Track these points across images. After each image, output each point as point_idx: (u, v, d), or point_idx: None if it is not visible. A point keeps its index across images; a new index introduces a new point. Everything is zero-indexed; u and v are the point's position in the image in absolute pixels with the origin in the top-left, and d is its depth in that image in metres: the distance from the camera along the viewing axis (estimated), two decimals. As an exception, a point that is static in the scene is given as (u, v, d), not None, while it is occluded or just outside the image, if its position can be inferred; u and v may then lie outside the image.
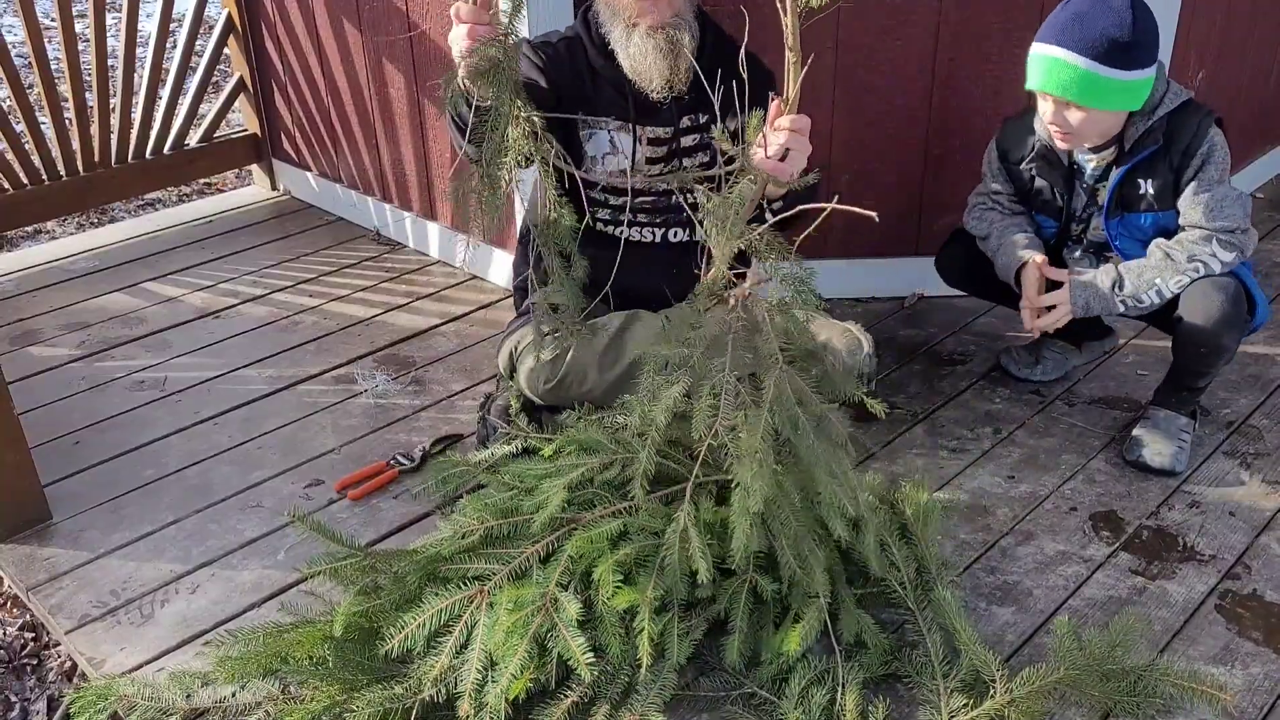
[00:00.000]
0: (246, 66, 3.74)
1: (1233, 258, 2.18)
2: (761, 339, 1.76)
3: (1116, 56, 2.05)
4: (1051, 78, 2.11)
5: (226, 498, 2.32)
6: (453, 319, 3.04)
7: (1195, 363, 2.27)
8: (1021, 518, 2.19)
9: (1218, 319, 2.17)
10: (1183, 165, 2.19)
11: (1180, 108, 2.18)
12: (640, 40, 2.14)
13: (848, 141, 2.85)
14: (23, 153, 3.29)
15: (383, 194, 3.50)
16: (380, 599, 1.76)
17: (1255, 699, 1.76)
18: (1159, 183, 2.21)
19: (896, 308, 3.01)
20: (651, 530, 1.75)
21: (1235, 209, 2.17)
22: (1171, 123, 2.18)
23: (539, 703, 1.66)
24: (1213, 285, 2.18)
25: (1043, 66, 2.12)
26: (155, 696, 1.72)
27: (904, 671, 1.76)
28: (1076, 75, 2.07)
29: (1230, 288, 2.18)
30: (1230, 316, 2.18)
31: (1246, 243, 2.19)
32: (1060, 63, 2.08)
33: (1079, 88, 2.09)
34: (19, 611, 2.21)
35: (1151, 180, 2.22)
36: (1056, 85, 2.11)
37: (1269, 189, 3.76)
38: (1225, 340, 2.21)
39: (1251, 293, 2.25)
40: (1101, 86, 2.08)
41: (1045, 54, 2.11)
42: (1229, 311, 2.17)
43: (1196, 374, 2.29)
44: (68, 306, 3.17)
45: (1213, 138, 2.17)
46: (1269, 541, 2.11)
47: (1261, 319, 2.30)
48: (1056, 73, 2.10)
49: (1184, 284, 2.19)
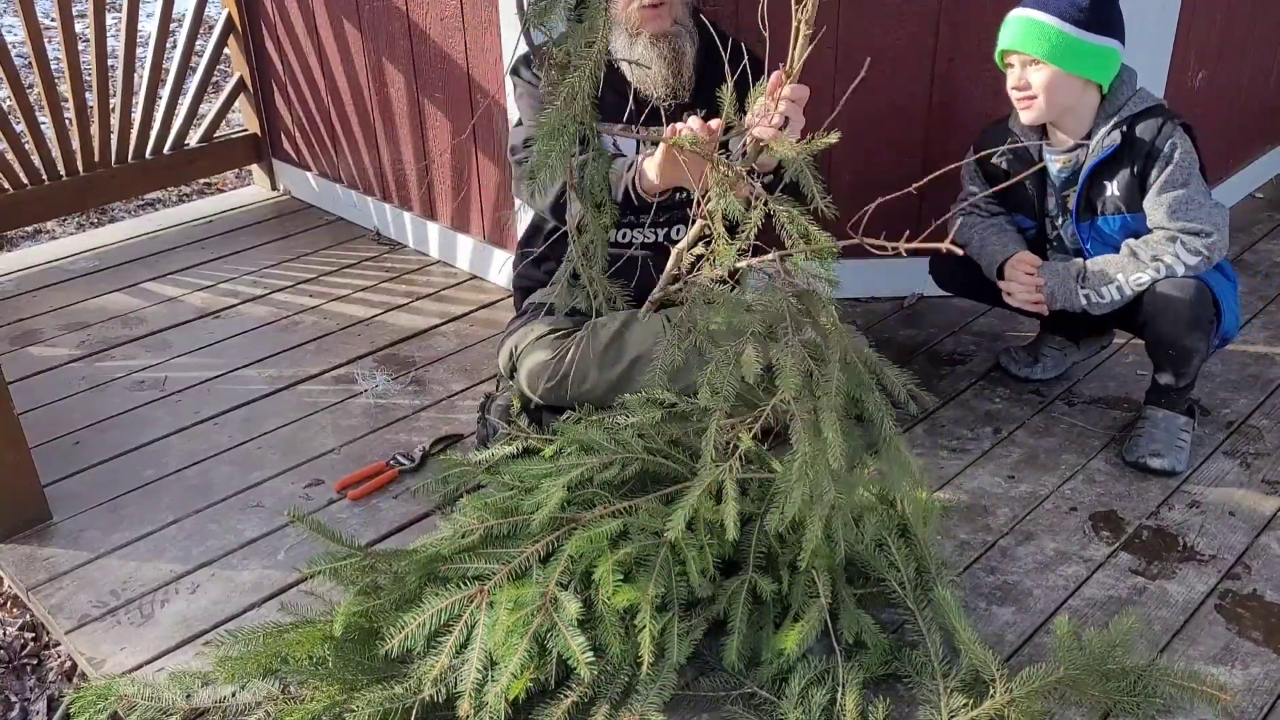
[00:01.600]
0: (246, 66, 3.74)
1: (1196, 262, 2.17)
2: (820, 316, 1.80)
3: (1082, 17, 2.14)
4: (1019, 36, 2.18)
5: (226, 498, 2.32)
6: (453, 319, 3.04)
7: (1167, 364, 2.28)
8: (1021, 518, 2.19)
9: (1178, 321, 2.18)
10: (1146, 168, 2.20)
11: (1144, 111, 2.20)
12: (644, 50, 2.16)
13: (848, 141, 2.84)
14: (23, 153, 3.30)
15: (383, 194, 3.50)
16: (380, 599, 1.76)
17: (1255, 699, 1.76)
18: (1124, 185, 2.23)
19: (896, 308, 3.01)
20: (651, 530, 1.75)
21: (1201, 212, 2.17)
22: (1133, 124, 2.20)
23: (539, 702, 1.66)
24: (1172, 286, 2.18)
25: (1011, 29, 2.20)
26: (155, 696, 1.71)
27: (904, 671, 1.76)
28: (1043, 30, 2.15)
29: (1190, 288, 2.17)
30: (1191, 318, 2.17)
31: (1213, 247, 2.17)
32: (1029, 21, 2.16)
33: (1046, 43, 2.15)
34: (19, 611, 2.21)
35: (1116, 182, 2.23)
36: (1023, 42, 2.17)
37: (1269, 189, 3.75)
38: (1189, 342, 2.21)
39: (1219, 302, 2.23)
40: (1067, 45, 2.14)
41: (1015, 16, 2.20)
42: (1189, 314, 2.17)
43: (1174, 374, 2.29)
44: (68, 306, 3.17)
45: (1175, 139, 2.17)
46: (1269, 541, 2.11)
47: (1229, 329, 2.28)
48: (1024, 31, 2.17)
49: (1144, 282, 2.19)
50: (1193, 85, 3.07)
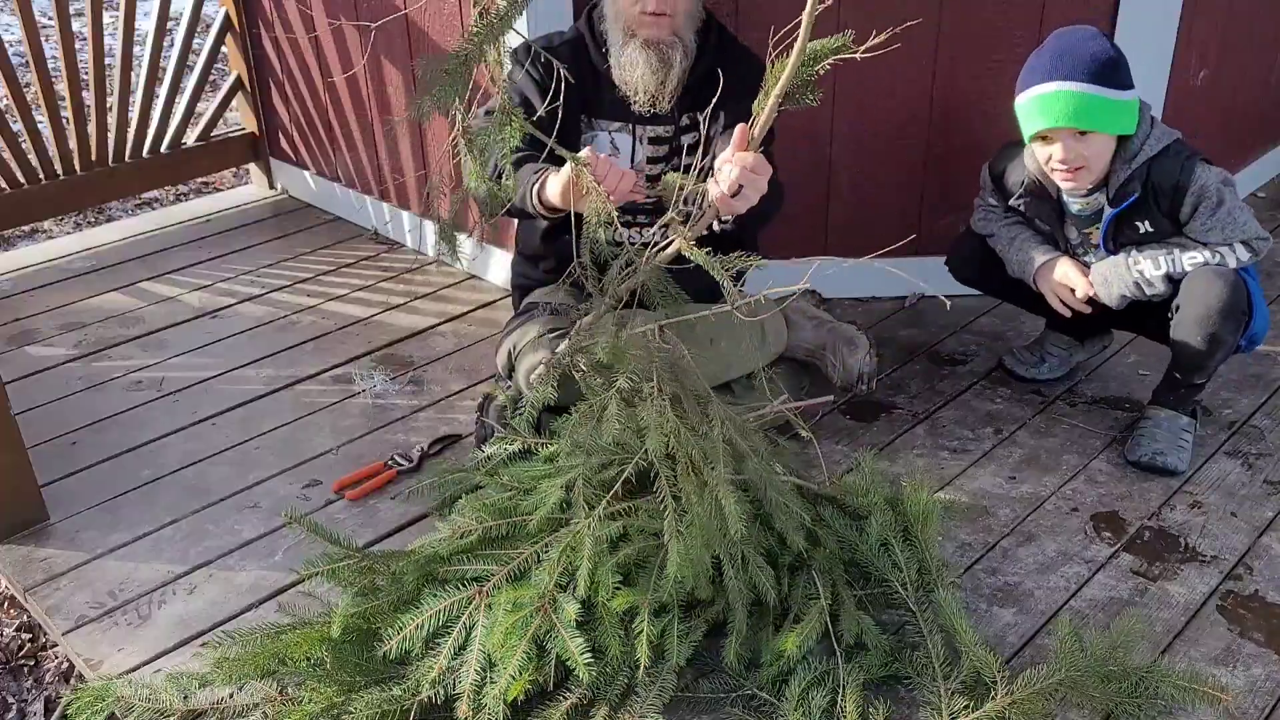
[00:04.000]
0: (244, 65, 3.73)
1: (1249, 258, 2.20)
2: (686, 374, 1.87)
3: (1109, 76, 2.09)
4: (1055, 111, 2.11)
5: (224, 498, 2.31)
6: (451, 319, 3.03)
7: (1192, 355, 2.25)
8: (1023, 518, 2.18)
9: (1216, 306, 2.16)
10: (1175, 207, 2.19)
11: (1160, 153, 2.17)
12: (633, 52, 2.16)
13: (848, 140, 2.85)
14: (19, 152, 3.28)
15: (381, 193, 3.49)
16: (378, 600, 1.75)
17: (1256, 700, 1.75)
18: (1156, 223, 2.22)
19: (897, 308, 3.01)
20: (651, 532, 1.75)
21: (1246, 216, 2.18)
22: (1152, 170, 2.18)
23: (538, 704, 1.66)
24: (1214, 273, 2.17)
25: (1043, 105, 2.12)
26: (152, 698, 1.71)
27: (905, 673, 1.75)
28: (1083, 100, 2.09)
29: (1231, 277, 2.17)
30: (1228, 305, 2.16)
31: (1263, 247, 2.20)
32: (1063, 94, 2.09)
33: (1088, 112, 2.10)
34: (16, 612, 2.20)
35: (1147, 221, 2.22)
36: (1064, 116, 2.11)
37: (1269, 189, 3.75)
38: (1222, 330, 2.18)
39: (1252, 299, 2.23)
40: (1105, 108, 2.10)
41: (1043, 92, 2.12)
42: (1228, 299, 2.16)
43: (1194, 368, 2.27)
44: (65, 306, 3.16)
45: (1199, 176, 2.16)
46: (1270, 542, 2.10)
47: (1259, 327, 2.27)
48: (1061, 104, 2.10)
49: (1197, 262, 2.18)
50: (1193, 85, 3.06)
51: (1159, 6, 2.71)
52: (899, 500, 1.97)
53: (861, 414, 2.54)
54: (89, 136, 3.42)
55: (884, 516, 1.91)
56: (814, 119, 2.82)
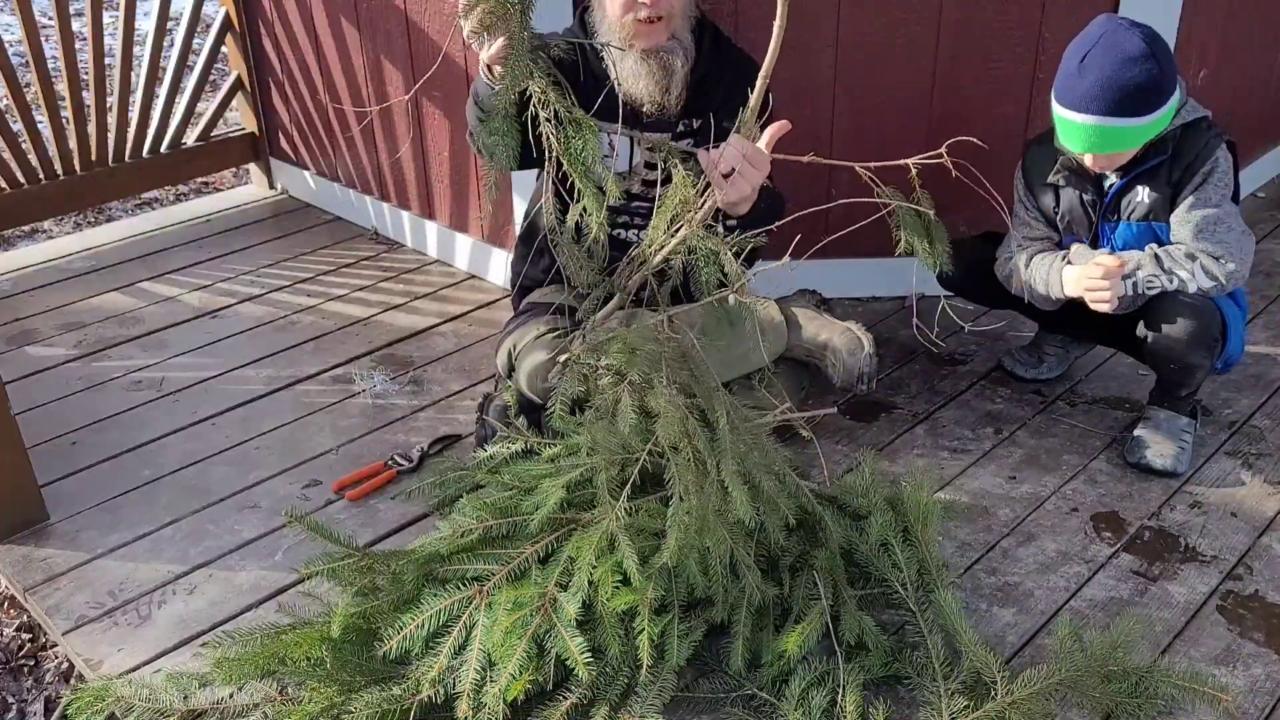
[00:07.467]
0: (244, 65, 3.73)
1: (1210, 287, 2.15)
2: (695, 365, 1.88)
3: (1149, 103, 2.07)
4: (1091, 142, 2.11)
5: (224, 498, 2.31)
6: (451, 318, 3.03)
7: (1169, 376, 2.28)
8: (1023, 518, 2.18)
9: (1182, 338, 2.16)
10: (1183, 180, 2.17)
11: (1194, 122, 2.16)
12: (634, 64, 2.15)
13: (848, 139, 2.84)
14: (19, 152, 3.28)
15: (381, 193, 3.49)
16: (378, 600, 1.75)
17: (1257, 700, 1.75)
18: (1156, 194, 2.19)
19: (897, 307, 3.01)
20: (651, 531, 1.75)
21: (1229, 237, 2.14)
22: (1182, 135, 2.16)
23: (538, 704, 1.66)
24: (1178, 302, 2.16)
25: (1079, 134, 2.11)
26: (152, 698, 1.71)
27: (905, 673, 1.75)
28: (1119, 133, 2.09)
29: (1200, 306, 2.15)
30: (1194, 336, 2.15)
31: (1231, 277, 2.14)
32: (1100, 129, 2.08)
33: (1122, 140, 2.10)
34: (16, 612, 2.20)
35: (1149, 188, 2.20)
36: (1098, 146, 2.11)
37: (1269, 189, 3.75)
38: (1192, 359, 2.19)
39: (1227, 325, 2.20)
40: (1141, 133, 2.10)
41: (1078, 121, 2.09)
42: (1193, 330, 2.15)
43: (1177, 384, 2.29)
44: (65, 306, 3.16)
45: (1217, 158, 2.14)
46: (1270, 542, 2.10)
47: (1233, 353, 2.26)
48: (1098, 137, 2.09)
49: (1154, 287, 2.16)
50: (1194, 84, 3.06)
51: (1159, 6, 2.71)
52: (899, 500, 1.97)
53: (861, 414, 2.54)
54: (89, 136, 3.42)
55: (884, 516, 1.91)
56: (814, 119, 2.82)
